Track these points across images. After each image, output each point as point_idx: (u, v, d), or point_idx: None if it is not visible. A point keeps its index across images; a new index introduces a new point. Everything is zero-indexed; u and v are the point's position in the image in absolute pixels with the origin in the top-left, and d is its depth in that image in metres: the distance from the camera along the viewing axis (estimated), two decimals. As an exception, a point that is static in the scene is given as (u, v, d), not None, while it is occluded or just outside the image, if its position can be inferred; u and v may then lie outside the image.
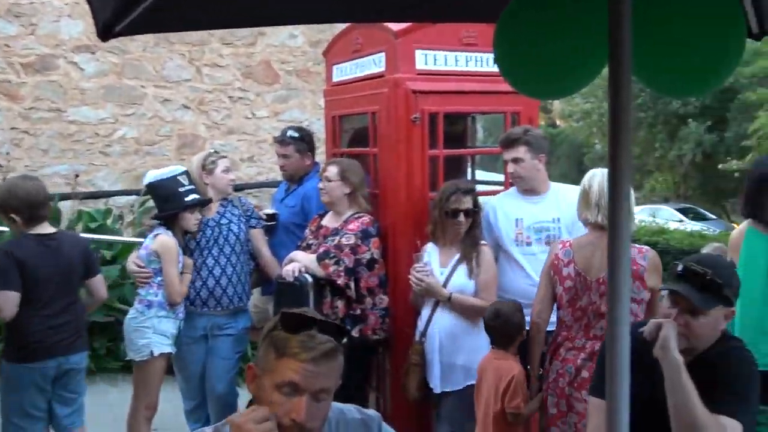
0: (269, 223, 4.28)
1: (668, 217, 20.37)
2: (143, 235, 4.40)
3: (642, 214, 19.22)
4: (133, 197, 7.04)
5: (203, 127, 7.85)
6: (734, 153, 21.64)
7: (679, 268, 2.23)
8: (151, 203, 7.08)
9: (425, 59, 3.77)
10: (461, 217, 3.47)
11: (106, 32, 1.65)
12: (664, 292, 2.46)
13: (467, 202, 3.49)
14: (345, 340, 1.71)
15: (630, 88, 1.53)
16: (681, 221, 20.01)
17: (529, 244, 3.61)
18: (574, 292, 3.11)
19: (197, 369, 3.96)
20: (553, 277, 3.17)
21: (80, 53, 7.33)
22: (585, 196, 3.11)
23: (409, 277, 3.51)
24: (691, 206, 24.08)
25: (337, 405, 1.77)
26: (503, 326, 3.21)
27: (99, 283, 3.59)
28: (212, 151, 4.42)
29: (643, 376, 2.02)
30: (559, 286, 3.15)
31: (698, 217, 22.33)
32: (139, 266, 3.70)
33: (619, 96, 1.53)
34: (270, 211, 4.45)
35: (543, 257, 3.34)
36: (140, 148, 7.57)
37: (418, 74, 3.74)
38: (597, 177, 3.11)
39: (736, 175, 20.09)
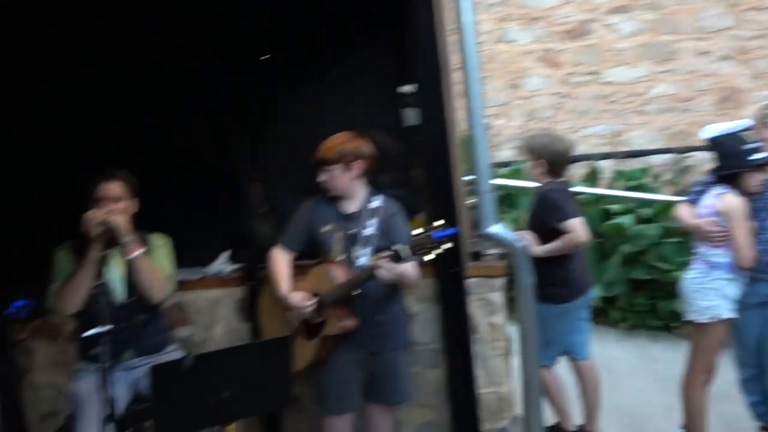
0: None
1: None
2: (684, 193, 4.23)
3: None
4: (670, 156, 6.92)
5: (745, 78, 7.24)
6: None
7: None
8: (688, 162, 6.90)
9: None
10: None
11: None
12: None
13: None
14: None
15: None
16: None
17: None
18: None
19: (754, 337, 3.70)
20: None
21: (615, 15, 7.45)
22: None
23: None
24: None
25: None
26: None
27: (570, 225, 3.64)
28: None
29: None
30: None
31: None
32: (712, 225, 3.51)
33: None
34: None
35: None
36: (676, 105, 7.37)
37: None
38: None
39: None
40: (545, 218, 3.63)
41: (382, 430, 3.37)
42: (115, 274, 3.17)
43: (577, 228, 3.56)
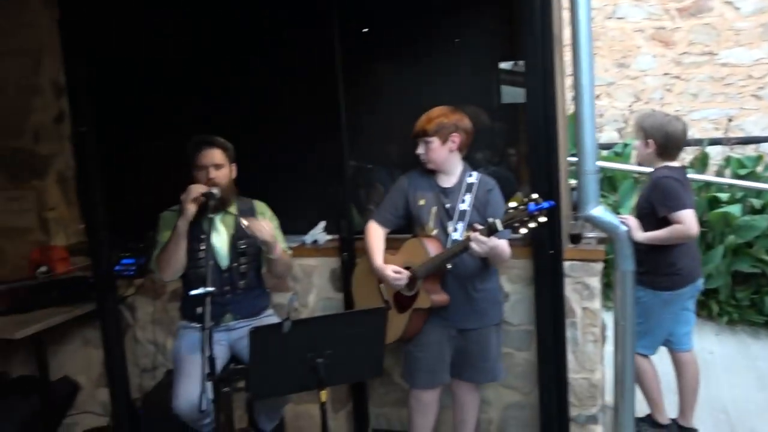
0: None
1: None
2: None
3: None
4: (787, 144, 6.54)
5: None
6: None
7: None
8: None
9: None
10: None
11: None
12: None
13: None
14: None
15: None
16: None
17: None
18: None
19: None
20: None
21: (736, -8, 7.05)
22: None
23: None
24: None
25: None
26: None
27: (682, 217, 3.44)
28: None
29: None
30: None
31: None
32: None
33: None
34: None
35: None
36: (796, 91, 6.94)
37: None
38: None
39: None
40: (657, 206, 3.49)
41: (467, 408, 3.36)
42: (221, 240, 3.27)
43: (688, 220, 3.41)
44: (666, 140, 3.57)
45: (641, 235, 3.47)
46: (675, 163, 3.61)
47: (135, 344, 4.20)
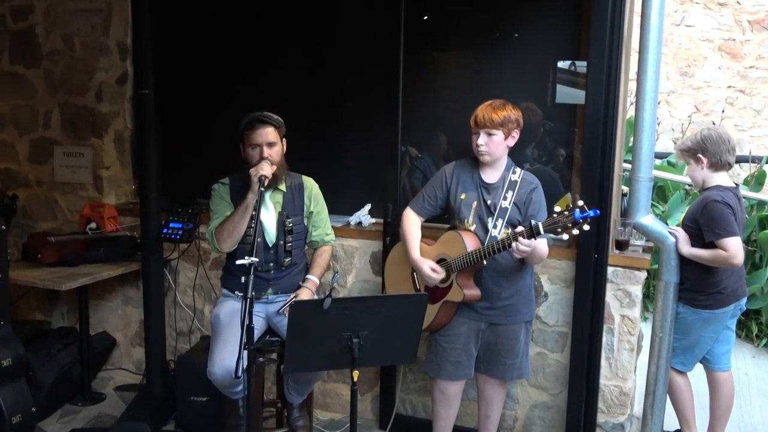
0: None
1: None
2: None
3: None
4: None
5: None
6: None
7: None
8: None
9: None
10: None
11: None
12: None
13: None
14: None
15: None
16: None
17: None
18: None
19: None
20: None
21: (812, 8, 6.83)
22: None
23: None
24: None
25: None
26: None
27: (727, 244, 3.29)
28: None
29: None
30: None
31: None
32: None
33: None
34: None
35: None
36: None
37: None
38: None
39: None
40: (703, 229, 3.36)
41: (493, 404, 3.37)
42: (269, 217, 3.31)
43: (733, 249, 3.26)
44: (716, 158, 3.42)
45: (687, 250, 3.38)
46: (728, 182, 3.48)
47: (174, 307, 4.29)
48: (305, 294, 3.31)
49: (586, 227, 2.71)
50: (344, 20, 3.97)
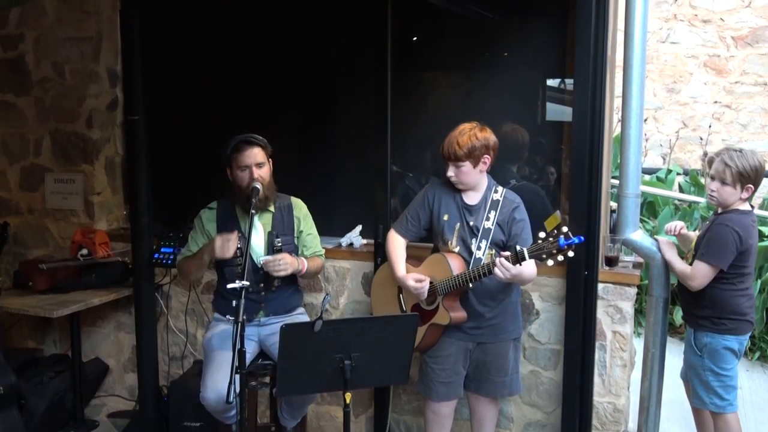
0: None
1: None
2: None
3: None
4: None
5: None
6: None
7: None
8: None
9: None
10: None
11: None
12: None
13: None
14: None
15: None
16: None
17: None
18: None
19: None
20: None
21: (795, 23, 6.93)
22: None
23: None
24: None
25: None
26: None
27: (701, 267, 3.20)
28: None
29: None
30: None
31: None
32: None
33: None
34: None
35: None
36: None
37: None
38: None
39: None
40: (702, 241, 3.26)
41: (485, 422, 3.36)
42: (258, 237, 3.31)
43: (700, 273, 3.15)
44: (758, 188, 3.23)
45: (668, 255, 3.32)
46: (746, 206, 3.28)
47: (166, 332, 4.28)
48: (288, 258, 3.22)
49: (571, 254, 2.75)
50: (333, 41, 4.01)
